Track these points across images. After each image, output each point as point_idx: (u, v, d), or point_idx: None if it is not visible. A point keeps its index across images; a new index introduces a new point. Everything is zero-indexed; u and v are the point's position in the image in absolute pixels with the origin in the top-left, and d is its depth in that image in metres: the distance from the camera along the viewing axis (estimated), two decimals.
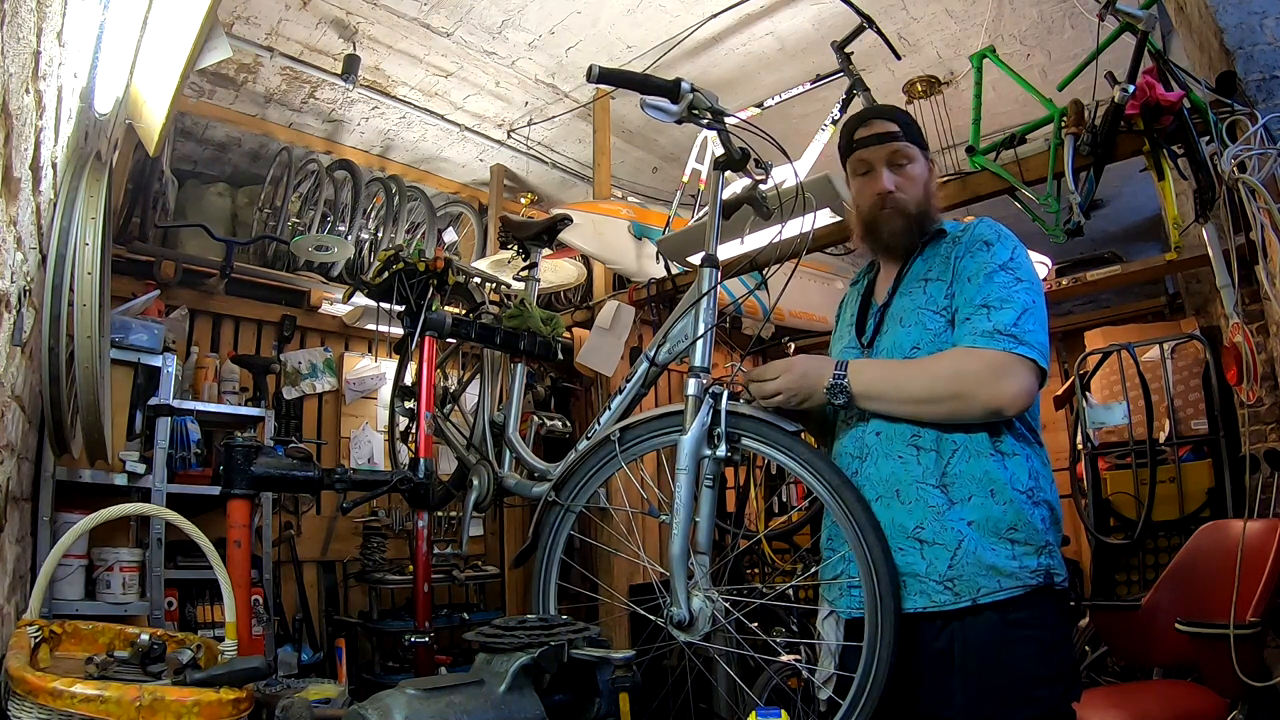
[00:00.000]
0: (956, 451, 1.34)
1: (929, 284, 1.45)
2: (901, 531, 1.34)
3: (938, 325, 1.40)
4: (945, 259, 1.45)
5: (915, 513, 1.34)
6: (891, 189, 1.48)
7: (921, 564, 1.31)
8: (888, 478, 1.38)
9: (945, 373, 1.33)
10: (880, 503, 1.37)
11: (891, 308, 1.49)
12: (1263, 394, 2.98)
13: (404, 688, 1.07)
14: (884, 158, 1.50)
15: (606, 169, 4.16)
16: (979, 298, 1.35)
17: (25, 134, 1.36)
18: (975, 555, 1.28)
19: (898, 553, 1.34)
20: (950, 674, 1.28)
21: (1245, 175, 1.91)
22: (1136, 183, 4.23)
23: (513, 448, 2.53)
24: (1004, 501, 1.30)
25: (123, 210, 3.36)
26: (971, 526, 1.29)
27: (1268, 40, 2.09)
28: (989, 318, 1.32)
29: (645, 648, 1.46)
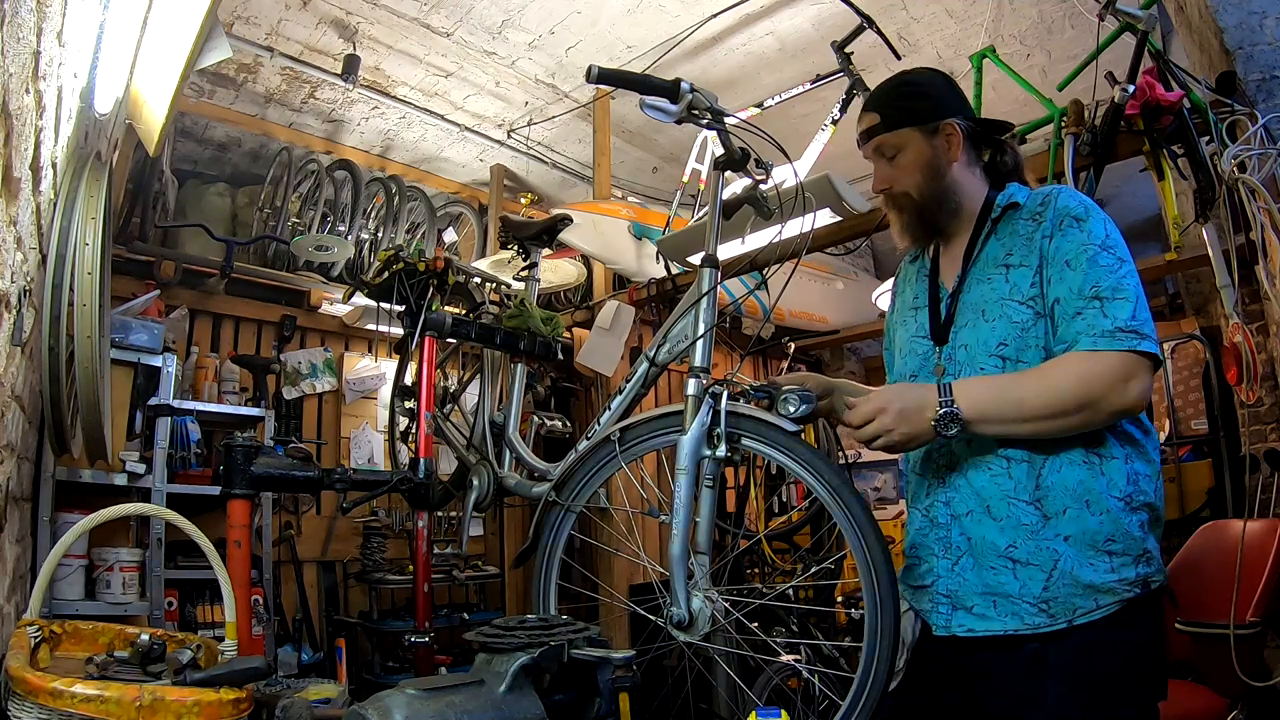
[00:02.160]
0: (1049, 460, 1.24)
1: (1011, 270, 1.30)
2: (993, 550, 1.26)
3: (1025, 318, 1.27)
4: (1027, 240, 1.30)
5: (1008, 531, 1.25)
6: (885, 186, 1.43)
7: (1015, 584, 1.24)
8: (978, 491, 1.29)
9: (1071, 383, 1.18)
10: (970, 518, 1.30)
11: (967, 296, 1.35)
12: (1263, 394, 2.98)
13: (404, 688, 1.07)
14: (873, 154, 1.44)
15: (606, 169, 4.16)
16: (1088, 287, 1.21)
17: (25, 134, 1.36)
18: (1072, 575, 1.20)
19: (989, 571, 1.27)
20: (1042, 676, 1.22)
21: (1245, 175, 1.91)
22: (1136, 183, 4.23)
23: (513, 448, 2.53)
24: (1100, 512, 1.21)
25: (123, 210, 3.36)
26: (1068, 543, 1.22)
27: (1268, 40, 2.09)
28: (1104, 312, 1.19)
29: (645, 648, 1.46)
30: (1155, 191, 2.39)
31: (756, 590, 2.28)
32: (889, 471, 5.32)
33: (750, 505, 3.83)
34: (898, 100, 1.41)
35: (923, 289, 1.46)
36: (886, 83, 1.47)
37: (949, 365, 1.35)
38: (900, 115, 1.39)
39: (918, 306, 1.45)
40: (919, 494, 1.40)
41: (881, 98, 1.44)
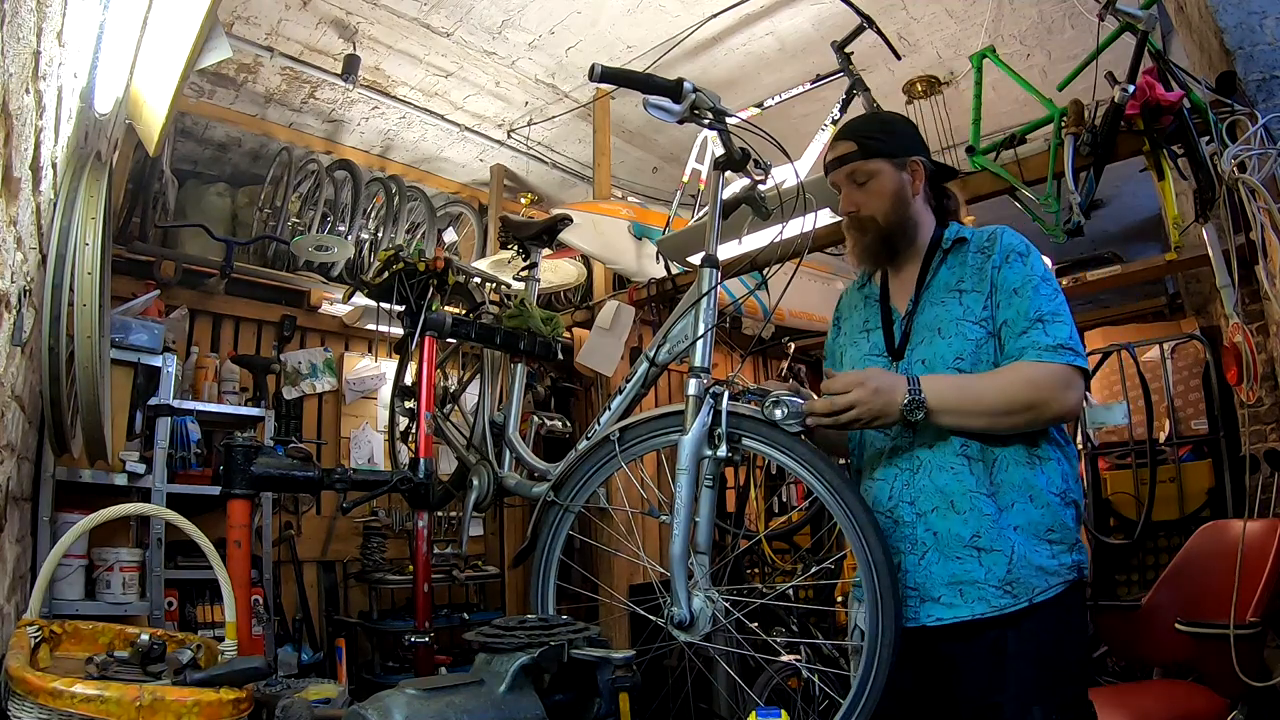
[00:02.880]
0: (998, 461, 1.40)
1: (965, 295, 1.47)
2: (959, 541, 1.38)
3: (979, 336, 1.43)
4: (978, 270, 1.47)
5: (971, 522, 1.38)
6: (852, 209, 1.55)
7: (980, 570, 1.36)
8: (941, 489, 1.41)
9: (1021, 385, 1.36)
10: (936, 514, 1.41)
11: (921, 317, 1.50)
12: (1263, 394, 2.98)
13: (404, 688, 1.07)
14: (844, 179, 1.55)
15: (606, 169, 4.16)
16: (1032, 311, 1.40)
17: (25, 134, 1.36)
18: (1026, 559, 1.35)
19: (954, 561, 1.38)
20: (1004, 661, 1.34)
21: (1245, 175, 1.91)
22: (1136, 183, 4.23)
23: (513, 448, 2.53)
24: (1042, 505, 1.38)
25: (123, 210, 3.36)
26: (1017, 532, 1.37)
27: (1268, 40, 2.09)
28: (1047, 332, 1.38)
29: (645, 648, 1.46)
30: (1155, 191, 2.39)
31: (757, 590, 2.28)
32: None
33: (750, 505, 3.83)
34: (875, 133, 1.56)
35: (874, 312, 1.59)
36: (862, 117, 1.65)
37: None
38: (876, 146, 1.53)
39: (870, 329, 1.59)
40: (880, 499, 1.48)
41: (859, 129, 1.58)
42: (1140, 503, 3.78)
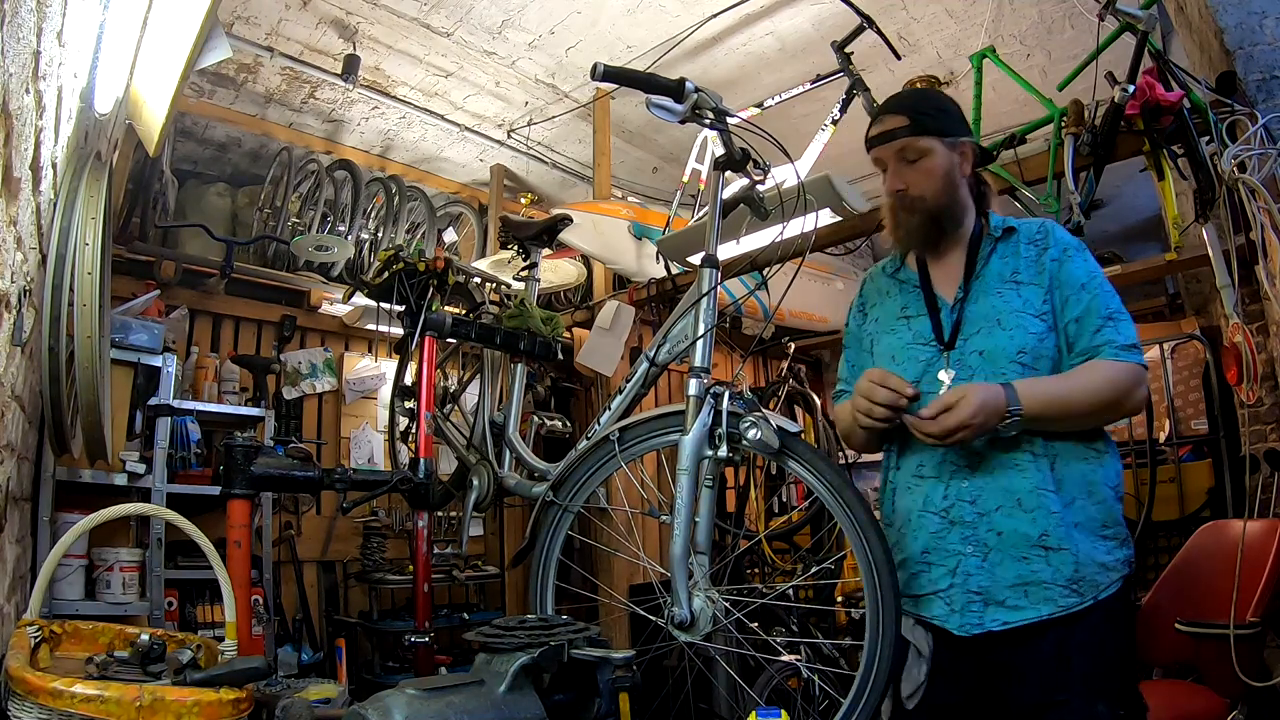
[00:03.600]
0: (1059, 456, 1.37)
1: (1022, 287, 1.43)
2: (1025, 541, 1.33)
3: (1040, 330, 1.39)
4: (1033, 262, 1.44)
5: (1039, 520, 1.33)
6: (901, 187, 1.47)
7: (1048, 570, 1.31)
8: (1007, 487, 1.35)
9: (1105, 387, 1.35)
10: (1000, 513, 1.35)
11: (974, 307, 1.44)
12: (1263, 394, 2.98)
13: (404, 688, 1.07)
14: (893, 155, 1.47)
15: (606, 169, 4.16)
16: (1104, 309, 1.39)
17: (25, 134, 1.36)
18: (1090, 556, 1.33)
19: (1021, 562, 1.32)
20: (1067, 660, 1.30)
21: (1245, 175, 1.91)
22: (1136, 183, 4.23)
23: (513, 448, 2.53)
24: (1099, 501, 1.36)
25: (123, 210, 3.36)
26: (1078, 529, 1.34)
27: (1268, 40, 2.10)
28: (1119, 330, 1.38)
29: (645, 648, 1.46)
30: (1155, 191, 2.40)
31: (757, 590, 2.28)
32: None
33: (750, 505, 3.83)
34: (928, 110, 1.49)
35: (914, 299, 1.52)
36: (913, 92, 1.62)
37: (959, 370, 1.41)
38: (929, 124, 1.46)
39: (910, 315, 1.51)
40: (931, 498, 1.40)
41: (911, 105, 1.50)
42: (1140, 503, 3.78)
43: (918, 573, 1.41)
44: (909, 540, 1.43)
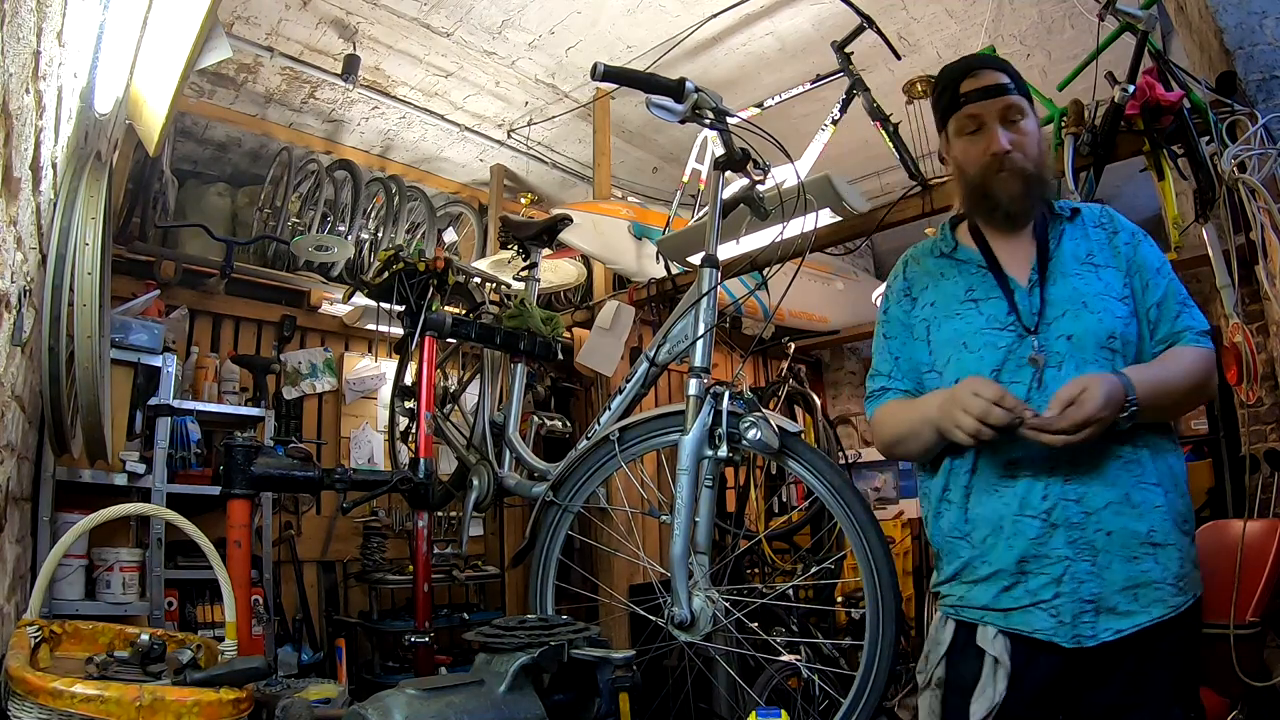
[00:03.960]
0: (1151, 448, 1.29)
1: (1100, 270, 1.33)
2: (1135, 539, 1.23)
3: (1124, 314, 1.31)
4: (1106, 245, 1.36)
5: (1146, 516, 1.24)
6: (1008, 148, 1.32)
7: (1157, 569, 1.23)
8: (1114, 481, 1.25)
9: (1198, 373, 1.30)
10: (1109, 510, 1.23)
11: (1055, 289, 1.32)
12: (1263, 394, 2.98)
13: (404, 688, 1.07)
14: (998, 113, 1.32)
15: (606, 169, 4.16)
16: (1179, 294, 1.34)
17: (25, 134, 1.36)
18: (1189, 551, 1.27)
19: (1131, 562, 1.22)
20: (1153, 663, 1.23)
21: (1245, 175, 1.91)
22: (1136, 183, 4.22)
23: (513, 448, 2.53)
24: (1182, 494, 1.30)
25: (123, 210, 3.36)
26: (1175, 523, 1.27)
27: (1268, 40, 2.09)
28: (1194, 317, 1.33)
29: (645, 648, 1.46)
30: (1155, 191, 2.39)
31: (757, 590, 2.28)
32: (889, 471, 5.32)
33: (750, 505, 3.83)
34: (1015, 72, 1.37)
35: (980, 280, 1.37)
36: (987, 54, 1.49)
37: (1049, 356, 1.29)
38: (1022, 86, 1.36)
39: (978, 298, 1.36)
40: (1029, 500, 1.26)
41: (999, 63, 1.38)
42: None
43: (1012, 584, 1.26)
44: (1001, 549, 1.27)
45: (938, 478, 1.36)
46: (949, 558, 1.33)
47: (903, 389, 1.41)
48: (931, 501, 1.38)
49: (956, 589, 1.32)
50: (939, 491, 1.35)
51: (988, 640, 1.27)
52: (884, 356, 1.46)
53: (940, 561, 1.37)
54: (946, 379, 1.34)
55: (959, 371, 1.32)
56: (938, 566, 1.39)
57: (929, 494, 1.39)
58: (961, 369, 1.32)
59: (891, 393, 1.42)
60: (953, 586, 1.33)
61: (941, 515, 1.34)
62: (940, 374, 1.36)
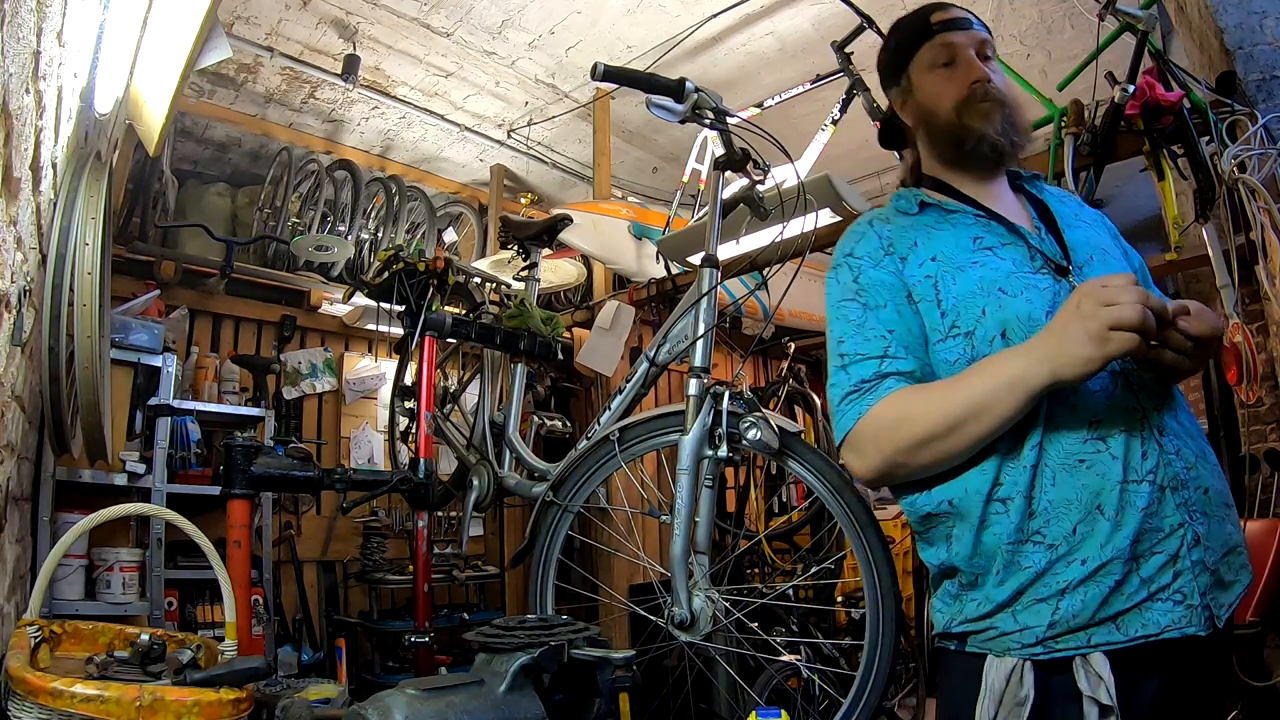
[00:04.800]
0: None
1: (1092, 226, 1.20)
2: (1221, 496, 1.03)
3: (1129, 271, 1.13)
4: (1083, 209, 1.24)
5: (1218, 472, 1.05)
6: (986, 76, 1.18)
7: (1237, 532, 1.04)
8: (1194, 433, 1.06)
9: None
10: (1201, 463, 1.03)
11: (1073, 235, 1.15)
12: (1263, 394, 2.98)
13: (404, 688, 1.07)
14: (973, 45, 1.20)
15: (606, 169, 4.16)
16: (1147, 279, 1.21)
17: (25, 134, 1.36)
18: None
19: (1223, 523, 1.01)
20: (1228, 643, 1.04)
21: (1245, 175, 1.91)
22: (1136, 183, 4.23)
23: (513, 448, 2.53)
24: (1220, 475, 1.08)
25: (123, 210, 3.36)
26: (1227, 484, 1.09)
27: (1268, 40, 2.09)
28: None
29: (645, 648, 1.46)
30: (1155, 191, 2.39)
31: (757, 590, 2.28)
32: None
33: (750, 505, 3.83)
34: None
35: (986, 229, 1.14)
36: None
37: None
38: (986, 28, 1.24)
39: (992, 245, 1.12)
40: (1135, 464, 0.98)
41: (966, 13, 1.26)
42: None
43: (1125, 577, 0.95)
44: (1101, 534, 0.96)
45: (972, 478, 1.03)
46: (1002, 574, 1.00)
47: (906, 370, 1.07)
48: (963, 514, 1.04)
49: (1027, 615, 0.98)
50: (979, 496, 1.02)
51: (1092, 677, 0.94)
52: (869, 333, 1.11)
53: (980, 584, 1.03)
54: (983, 335, 1.05)
55: (1002, 319, 1.04)
56: (961, 595, 1.06)
57: (954, 509, 1.05)
58: (1005, 316, 1.04)
59: (893, 380, 1.07)
60: (1014, 614, 0.99)
61: (989, 524, 1.02)
62: (969, 334, 1.06)
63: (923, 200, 1.21)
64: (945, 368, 1.08)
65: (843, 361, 1.13)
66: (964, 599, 1.05)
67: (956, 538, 1.05)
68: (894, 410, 1.05)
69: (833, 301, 1.20)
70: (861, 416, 1.07)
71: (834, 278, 1.21)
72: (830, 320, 1.19)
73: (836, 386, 1.12)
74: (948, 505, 1.05)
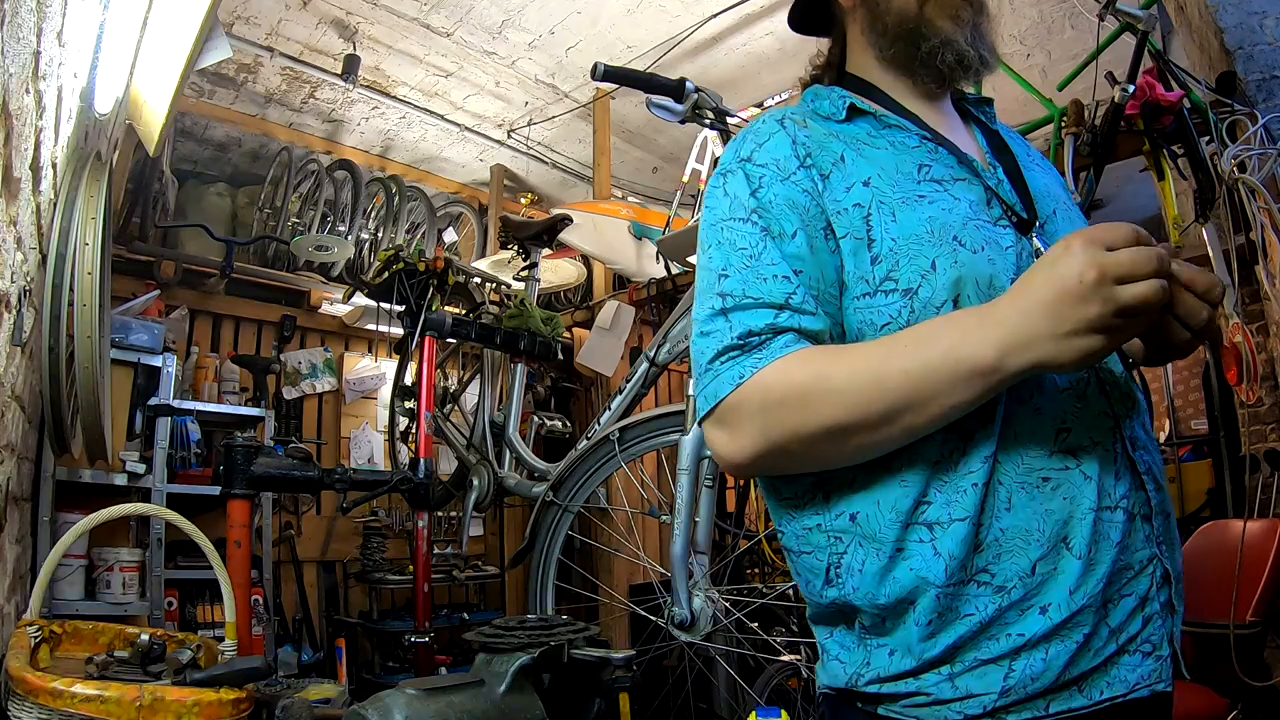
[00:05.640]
0: None
1: (1048, 171, 0.98)
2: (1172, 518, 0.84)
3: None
4: (1042, 159, 1.00)
5: (1179, 544, 0.87)
6: None
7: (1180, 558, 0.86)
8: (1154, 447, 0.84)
9: None
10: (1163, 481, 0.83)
11: (1033, 179, 0.91)
12: (1263, 394, 2.98)
13: (404, 688, 1.07)
14: None
15: (606, 169, 4.16)
16: None
17: (25, 134, 1.36)
18: None
19: (1179, 551, 0.84)
20: None
21: (1245, 175, 1.91)
22: (1136, 183, 4.23)
23: (513, 448, 2.53)
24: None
25: (123, 210, 3.36)
26: None
27: (1268, 40, 2.10)
28: None
29: (645, 648, 1.46)
30: (1155, 191, 2.39)
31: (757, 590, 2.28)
32: None
33: (750, 505, 3.83)
34: None
35: (932, 156, 0.87)
36: None
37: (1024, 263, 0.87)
38: None
39: (941, 179, 0.84)
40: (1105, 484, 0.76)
41: None
42: None
43: (1086, 636, 0.73)
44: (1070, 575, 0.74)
45: (887, 490, 0.76)
46: (933, 624, 0.73)
47: (813, 330, 0.77)
48: (868, 536, 0.77)
49: (970, 680, 0.73)
50: (895, 516, 0.75)
51: None
52: (765, 270, 0.79)
53: (891, 630, 0.76)
54: (928, 296, 0.76)
55: (956, 278, 0.77)
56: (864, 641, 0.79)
57: (855, 527, 0.78)
58: (961, 275, 0.77)
59: (791, 337, 0.76)
60: (953, 679, 0.73)
61: (906, 554, 0.75)
62: (910, 291, 0.77)
63: (853, 104, 0.90)
64: (871, 331, 0.78)
65: (723, 304, 0.79)
66: (869, 647, 0.78)
67: (851, 569, 0.77)
68: (796, 379, 0.74)
69: (715, 219, 0.85)
70: (743, 382, 0.75)
71: (719, 187, 0.87)
72: (707, 244, 0.85)
73: (710, 337, 0.79)
74: (847, 521, 0.78)
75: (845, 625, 0.82)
